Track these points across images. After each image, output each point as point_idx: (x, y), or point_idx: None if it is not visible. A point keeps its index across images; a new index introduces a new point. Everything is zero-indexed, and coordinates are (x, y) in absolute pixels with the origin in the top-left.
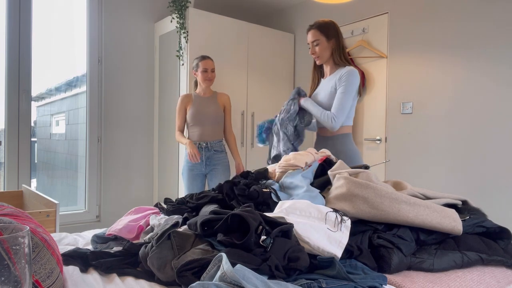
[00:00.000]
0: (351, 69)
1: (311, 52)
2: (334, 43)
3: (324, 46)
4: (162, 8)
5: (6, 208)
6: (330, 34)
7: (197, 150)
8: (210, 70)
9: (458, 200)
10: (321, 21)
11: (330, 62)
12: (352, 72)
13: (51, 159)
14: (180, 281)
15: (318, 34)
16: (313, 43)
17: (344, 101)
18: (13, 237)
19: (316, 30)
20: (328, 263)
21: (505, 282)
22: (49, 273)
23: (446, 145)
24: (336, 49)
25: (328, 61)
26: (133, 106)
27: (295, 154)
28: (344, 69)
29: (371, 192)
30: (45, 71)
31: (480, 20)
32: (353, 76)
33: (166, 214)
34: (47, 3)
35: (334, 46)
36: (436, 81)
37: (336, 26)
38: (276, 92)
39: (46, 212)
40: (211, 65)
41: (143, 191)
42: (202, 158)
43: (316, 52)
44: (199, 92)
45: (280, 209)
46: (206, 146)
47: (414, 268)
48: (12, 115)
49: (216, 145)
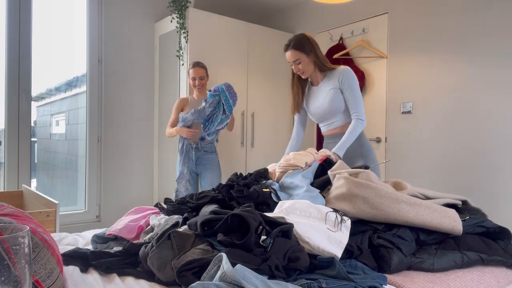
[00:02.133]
0: (345, 68)
1: (295, 70)
2: (313, 56)
3: (306, 62)
4: (162, 8)
5: (6, 208)
6: (307, 48)
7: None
8: (198, 78)
9: (458, 200)
10: (295, 39)
11: (316, 72)
12: (348, 70)
13: (51, 159)
14: (180, 281)
15: (297, 53)
16: (294, 62)
17: (357, 98)
18: (13, 237)
19: (294, 50)
20: (328, 263)
21: (505, 282)
22: (49, 273)
23: (446, 145)
24: (317, 59)
25: (313, 72)
26: (133, 106)
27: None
28: (338, 70)
29: (371, 192)
30: (45, 71)
31: (481, 20)
32: (350, 73)
33: (166, 214)
34: (47, 3)
35: (314, 58)
36: (436, 81)
37: (310, 39)
38: (276, 92)
39: (46, 212)
40: (200, 73)
41: (143, 191)
42: (192, 157)
43: (300, 69)
44: (194, 96)
45: (280, 209)
46: (196, 147)
47: (414, 268)
48: (12, 115)
49: (206, 146)
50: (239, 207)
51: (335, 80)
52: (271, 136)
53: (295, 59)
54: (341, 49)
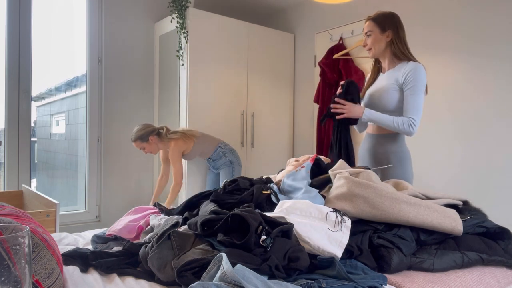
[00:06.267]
0: (416, 65)
1: (363, 43)
2: (390, 36)
3: (377, 38)
4: (162, 8)
5: (6, 208)
6: (385, 24)
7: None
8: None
9: (459, 201)
10: (379, 12)
11: (387, 56)
12: (418, 67)
13: (51, 159)
14: (180, 281)
15: (372, 25)
16: (366, 34)
17: (418, 102)
18: (13, 237)
19: (371, 21)
20: (328, 263)
21: (505, 282)
22: (49, 273)
23: (446, 145)
24: (394, 43)
25: (383, 55)
26: (133, 106)
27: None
28: (408, 65)
29: (372, 192)
30: (45, 71)
31: (481, 20)
32: (420, 72)
33: (166, 214)
34: (47, 3)
35: (390, 39)
36: (436, 80)
37: (395, 17)
38: (276, 92)
39: (46, 212)
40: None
41: (143, 191)
42: (210, 167)
43: (367, 44)
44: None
45: (281, 209)
46: (207, 161)
47: (414, 268)
48: (12, 115)
49: (213, 156)
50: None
51: (400, 75)
52: (271, 136)
53: (367, 30)
54: (341, 49)
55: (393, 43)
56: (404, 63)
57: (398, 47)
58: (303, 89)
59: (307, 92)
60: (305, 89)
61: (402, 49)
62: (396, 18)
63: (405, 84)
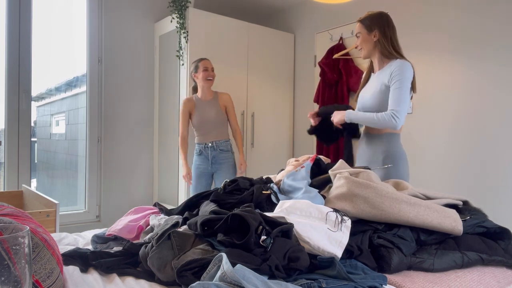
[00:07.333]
0: (403, 62)
1: (355, 45)
2: (376, 36)
3: (365, 39)
4: (162, 8)
5: (6, 208)
6: (372, 25)
7: (190, 172)
8: (210, 69)
9: (459, 201)
10: (368, 13)
11: (376, 56)
12: (404, 64)
13: (51, 159)
14: (180, 281)
15: (359, 26)
16: (356, 35)
17: (402, 96)
18: (13, 237)
19: (359, 22)
20: (328, 263)
21: (505, 282)
22: (49, 273)
23: (446, 145)
24: (381, 43)
25: (373, 55)
26: (133, 106)
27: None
28: (395, 62)
29: (372, 192)
30: (45, 71)
31: (481, 20)
32: (405, 69)
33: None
34: (47, 3)
35: (377, 39)
36: (436, 81)
37: (383, 17)
38: (276, 92)
39: (46, 212)
40: (211, 64)
41: (143, 191)
42: (208, 157)
43: (358, 45)
44: (201, 96)
45: (281, 208)
46: (212, 146)
47: (414, 268)
48: (12, 115)
49: (222, 144)
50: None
51: (387, 74)
52: (271, 136)
53: (357, 32)
54: (341, 49)
55: (379, 42)
56: (392, 62)
57: (385, 46)
58: (303, 89)
59: (307, 92)
60: (305, 89)
61: (388, 48)
62: (384, 18)
63: (391, 81)
